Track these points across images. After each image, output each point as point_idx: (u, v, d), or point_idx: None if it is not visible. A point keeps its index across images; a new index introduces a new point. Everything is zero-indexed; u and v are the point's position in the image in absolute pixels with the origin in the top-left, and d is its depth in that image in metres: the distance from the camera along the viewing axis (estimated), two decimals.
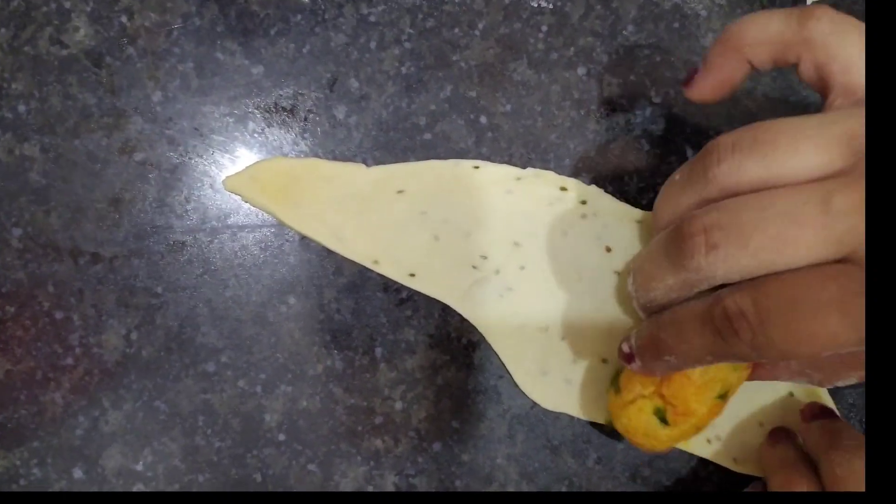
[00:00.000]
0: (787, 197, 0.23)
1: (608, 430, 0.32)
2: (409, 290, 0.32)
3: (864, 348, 0.22)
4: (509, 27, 0.33)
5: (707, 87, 0.27)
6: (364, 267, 0.32)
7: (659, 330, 0.26)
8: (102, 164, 0.32)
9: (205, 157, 0.32)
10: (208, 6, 0.32)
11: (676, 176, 0.26)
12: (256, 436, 0.32)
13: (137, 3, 0.32)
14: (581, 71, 0.33)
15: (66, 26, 0.32)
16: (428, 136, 0.33)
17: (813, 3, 0.35)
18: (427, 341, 0.33)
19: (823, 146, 0.23)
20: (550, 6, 0.33)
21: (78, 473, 0.32)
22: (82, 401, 0.32)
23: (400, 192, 0.32)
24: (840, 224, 0.22)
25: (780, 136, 0.23)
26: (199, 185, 0.32)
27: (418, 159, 0.33)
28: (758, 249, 0.23)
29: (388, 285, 0.33)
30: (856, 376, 0.27)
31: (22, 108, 0.32)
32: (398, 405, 0.32)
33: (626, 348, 0.28)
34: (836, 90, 0.25)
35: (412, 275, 0.32)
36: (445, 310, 0.32)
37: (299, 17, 0.32)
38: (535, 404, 0.32)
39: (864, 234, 0.22)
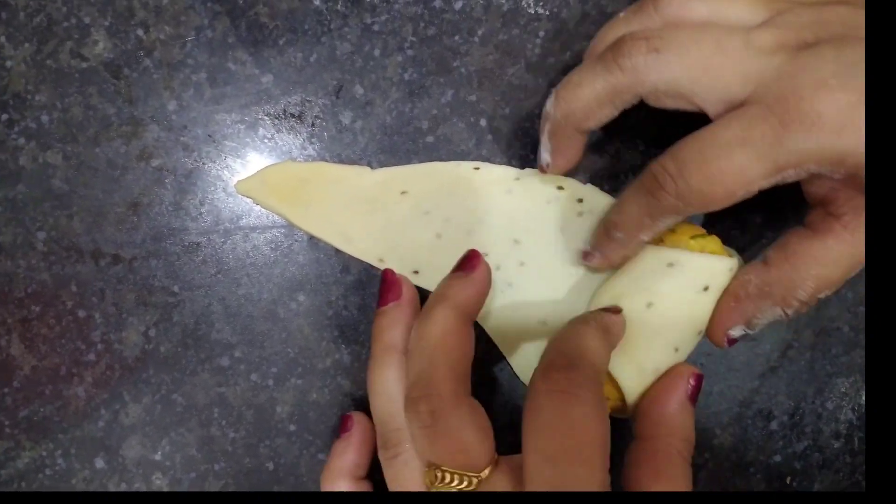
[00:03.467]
0: (721, 29, 0.26)
1: None
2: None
3: (768, 184, 0.25)
4: (507, 34, 0.34)
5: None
6: (370, 265, 0.33)
7: (606, 214, 0.30)
8: (121, 170, 0.33)
9: (218, 162, 0.34)
10: (220, 19, 0.34)
11: (621, 14, 0.30)
12: (268, 426, 0.34)
13: (153, 17, 0.33)
14: None
15: (86, 40, 0.33)
16: (430, 139, 0.34)
17: None
18: None
19: (753, 3, 0.27)
20: (547, 13, 0.35)
21: (100, 463, 0.33)
22: (104, 394, 0.34)
23: (404, 192, 0.34)
24: (754, 61, 0.25)
25: None
26: (212, 188, 0.34)
27: (421, 161, 0.34)
28: (690, 65, 0.26)
29: None
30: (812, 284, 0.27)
31: (45, 118, 0.33)
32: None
33: (585, 248, 0.31)
34: None
35: (416, 272, 0.33)
36: None
37: (306, 27, 0.34)
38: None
39: (766, 75, 0.25)
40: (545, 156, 0.31)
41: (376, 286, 0.34)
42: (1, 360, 0.33)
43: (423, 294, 0.33)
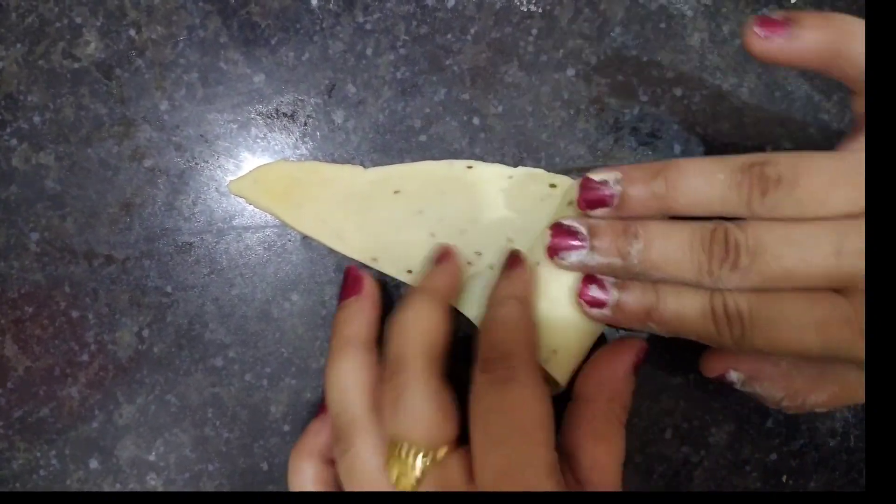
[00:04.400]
0: (806, 234, 0.25)
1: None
2: (407, 286, 0.33)
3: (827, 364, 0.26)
4: (500, 31, 0.34)
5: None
6: (363, 264, 0.33)
7: (659, 302, 0.27)
8: (114, 170, 0.33)
9: (210, 162, 0.34)
10: (212, 18, 0.34)
11: (719, 174, 0.26)
12: (263, 426, 0.34)
13: (145, 17, 0.33)
14: (570, 72, 0.35)
15: (78, 41, 0.33)
16: (423, 137, 0.34)
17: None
18: None
19: (854, 194, 0.25)
20: (540, 10, 0.34)
21: (94, 464, 0.33)
22: (98, 395, 0.34)
23: (397, 192, 0.33)
24: (845, 265, 0.24)
25: (815, 180, 0.25)
26: (205, 188, 0.34)
27: (414, 160, 0.34)
28: (768, 277, 0.25)
29: (387, 281, 0.34)
30: (824, 398, 0.29)
31: (37, 119, 0.33)
32: None
33: (599, 295, 0.28)
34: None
35: (409, 271, 0.33)
36: None
37: (298, 26, 0.34)
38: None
39: (863, 274, 0.24)
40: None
41: None
42: None
43: None
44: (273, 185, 0.33)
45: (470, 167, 0.34)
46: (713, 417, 0.35)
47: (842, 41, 0.26)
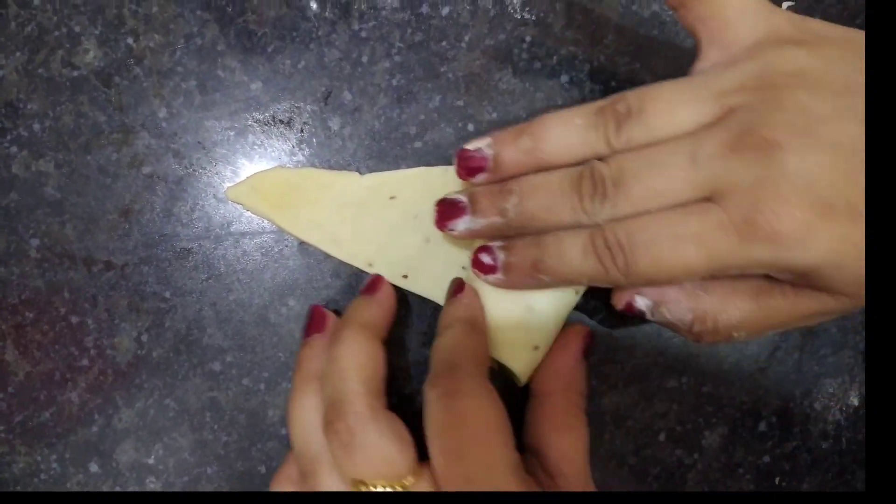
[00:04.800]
0: (662, 152, 0.26)
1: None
2: (403, 290, 0.34)
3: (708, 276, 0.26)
4: (494, 39, 0.35)
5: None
6: (359, 270, 0.34)
7: (542, 252, 0.28)
8: (113, 177, 0.34)
9: (208, 168, 0.34)
10: (209, 27, 0.34)
11: (577, 119, 0.28)
12: (260, 430, 0.34)
13: (143, 26, 0.34)
14: (564, 79, 0.35)
15: (77, 49, 0.34)
16: (418, 144, 0.34)
17: (788, 6, 0.36)
18: (420, 339, 0.34)
19: (697, 106, 0.26)
20: (533, 17, 0.35)
21: (94, 468, 0.34)
22: (97, 399, 0.34)
23: (392, 197, 0.34)
24: (703, 171, 0.25)
25: (659, 104, 0.27)
26: (203, 195, 0.34)
27: (409, 166, 0.34)
28: (636, 199, 0.26)
29: None
30: (737, 317, 0.28)
31: (37, 126, 0.34)
32: (393, 399, 0.34)
33: (488, 260, 0.29)
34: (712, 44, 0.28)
35: (405, 276, 0.34)
36: (437, 309, 0.34)
37: (294, 34, 0.34)
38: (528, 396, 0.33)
39: (722, 178, 0.25)
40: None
41: None
42: None
43: (413, 297, 0.34)
44: (270, 192, 0.34)
45: None
46: (706, 420, 0.35)
47: None
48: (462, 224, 0.29)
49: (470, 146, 0.29)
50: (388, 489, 0.26)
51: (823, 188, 0.24)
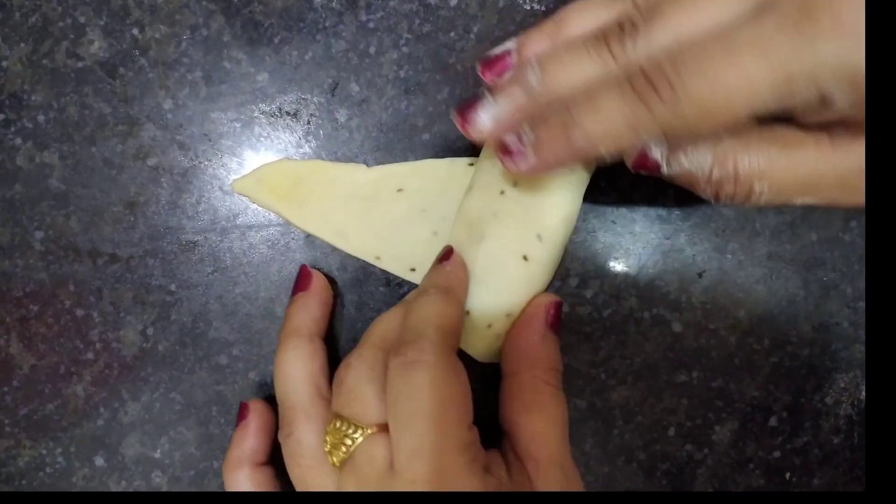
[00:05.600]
0: None
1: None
2: (410, 283, 0.34)
3: (774, 104, 0.22)
4: (503, 30, 0.34)
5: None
6: (366, 263, 0.34)
7: (575, 112, 0.24)
8: (118, 169, 0.34)
9: (214, 160, 0.34)
10: (215, 17, 0.34)
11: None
12: (271, 423, 0.34)
13: (148, 16, 0.33)
14: None
15: (82, 40, 0.34)
16: (426, 136, 0.34)
17: None
18: None
19: None
20: (543, 8, 0.34)
21: (99, 461, 0.34)
22: (103, 393, 0.34)
23: (400, 190, 0.34)
24: None
25: None
26: (209, 187, 0.34)
27: (417, 159, 0.34)
28: (675, 23, 0.23)
29: (390, 280, 0.34)
30: (762, 161, 0.24)
31: (41, 118, 0.33)
32: None
33: (515, 142, 0.25)
34: None
35: (413, 269, 0.33)
36: None
37: (301, 25, 0.34)
38: None
39: None
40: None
41: (373, 284, 0.34)
42: (0, 360, 0.33)
43: None
44: (276, 184, 0.33)
45: (471, 164, 0.34)
46: (716, 416, 0.35)
47: None
48: (485, 112, 0.26)
49: (497, 49, 0.27)
50: (351, 429, 0.27)
51: None
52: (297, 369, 0.30)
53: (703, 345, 0.35)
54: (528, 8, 0.34)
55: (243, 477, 0.31)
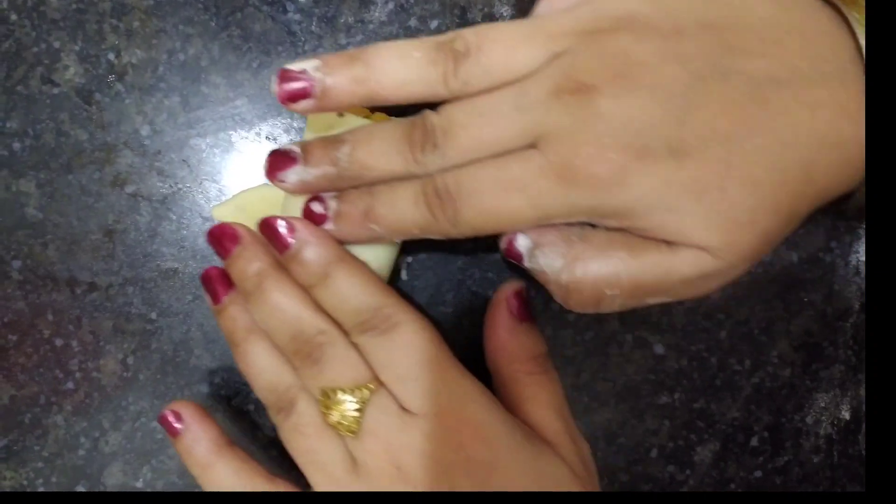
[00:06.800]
0: (490, 100, 0.26)
1: None
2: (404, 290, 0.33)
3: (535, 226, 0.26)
4: None
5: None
6: None
7: (374, 200, 0.27)
8: (95, 197, 0.33)
9: (193, 187, 0.34)
10: (192, 41, 0.33)
11: (415, 53, 0.26)
12: (250, 451, 0.33)
13: (124, 41, 0.33)
14: None
15: (57, 65, 0.33)
16: None
17: None
18: None
19: (531, 50, 0.26)
20: None
21: (81, 491, 0.33)
22: (83, 422, 0.33)
23: None
24: (527, 117, 0.25)
25: (496, 45, 0.26)
26: (188, 214, 0.34)
27: None
28: (464, 148, 0.26)
29: None
30: (607, 269, 0.26)
31: (17, 145, 0.33)
32: None
33: (319, 209, 0.28)
34: None
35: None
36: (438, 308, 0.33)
37: (280, 49, 0.33)
38: None
39: (544, 123, 0.25)
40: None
41: None
42: None
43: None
44: (257, 210, 0.33)
45: None
46: (698, 436, 0.35)
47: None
48: (293, 174, 0.28)
49: (295, 66, 0.27)
50: (355, 393, 0.27)
51: (639, 130, 0.24)
52: (268, 359, 0.29)
53: (685, 366, 0.35)
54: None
55: (223, 465, 0.29)
